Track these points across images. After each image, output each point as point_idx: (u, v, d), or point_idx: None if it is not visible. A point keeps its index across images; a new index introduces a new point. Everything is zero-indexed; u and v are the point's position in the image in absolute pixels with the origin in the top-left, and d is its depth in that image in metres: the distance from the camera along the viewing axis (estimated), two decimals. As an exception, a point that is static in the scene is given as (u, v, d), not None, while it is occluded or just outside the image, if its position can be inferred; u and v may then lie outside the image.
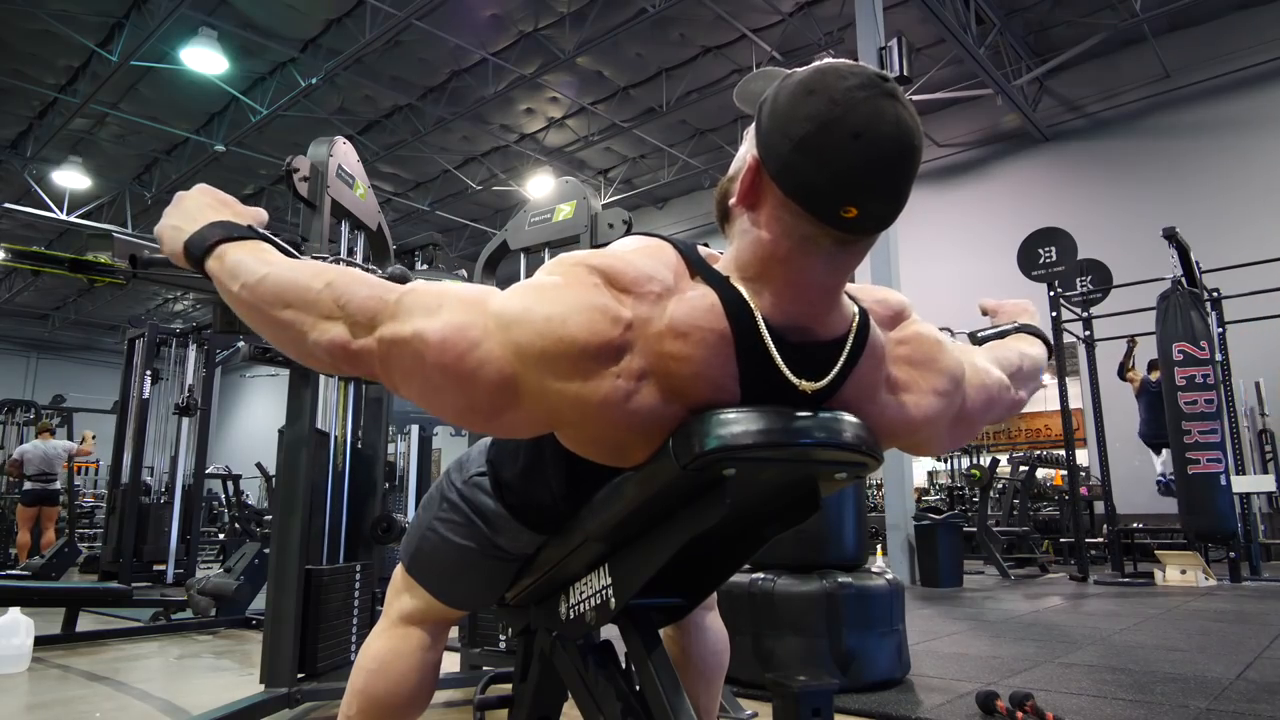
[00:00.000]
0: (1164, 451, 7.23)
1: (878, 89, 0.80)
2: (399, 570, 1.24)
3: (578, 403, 0.82)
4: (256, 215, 1.05)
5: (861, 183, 0.80)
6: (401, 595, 1.21)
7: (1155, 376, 6.87)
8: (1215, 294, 7.09)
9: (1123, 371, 7.50)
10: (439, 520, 1.15)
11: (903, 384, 1.01)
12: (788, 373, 0.87)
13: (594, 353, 0.81)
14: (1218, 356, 6.30)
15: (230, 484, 10.14)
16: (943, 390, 1.03)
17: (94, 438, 8.56)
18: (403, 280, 0.94)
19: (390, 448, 4.13)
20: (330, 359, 0.89)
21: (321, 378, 2.40)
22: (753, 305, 0.86)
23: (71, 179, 12.58)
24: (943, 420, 1.04)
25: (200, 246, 0.96)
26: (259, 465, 10.40)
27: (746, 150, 0.88)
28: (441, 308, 0.85)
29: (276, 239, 1.00)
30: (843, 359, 0.91)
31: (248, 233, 0.98)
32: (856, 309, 0.94)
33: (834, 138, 0.78)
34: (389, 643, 1.19)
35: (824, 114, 0.79)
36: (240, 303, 0.93)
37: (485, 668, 2.53)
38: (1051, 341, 1.34)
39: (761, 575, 2.59)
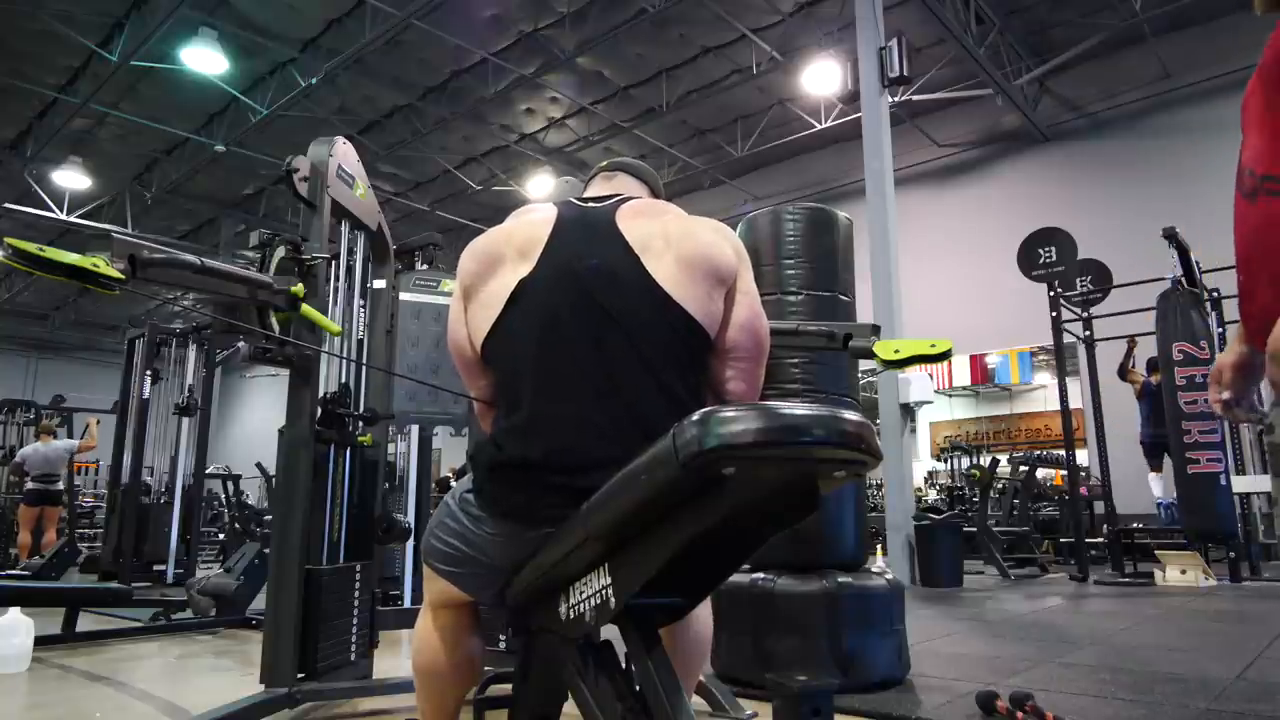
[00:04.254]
0: (1162, 464, 7.15)
1: None
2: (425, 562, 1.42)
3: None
4: None
5: None
6: (428, 583, 1.41)
7: (1156, 380, 6.84)
8: (1215, 294, 7.07)
9: (1123, 372, 7.49)
10: (439, 524, 1.34)
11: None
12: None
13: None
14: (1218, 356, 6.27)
15: (230, 484, 10.13)
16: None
17: (98, 422, 8.54)
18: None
19: (390, 448, 4.11)
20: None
21: (320, 379, 2.42)
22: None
23: (71, 179, 12.56)
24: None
25: None
26: (259, 465, 10.39)
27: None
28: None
29: None
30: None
31: None
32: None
33: None
34: (422, 624, 1.42)
35: None
36: None
37: (485, 668, 2.52)
38: None
39: (761, 575, 2.59)
